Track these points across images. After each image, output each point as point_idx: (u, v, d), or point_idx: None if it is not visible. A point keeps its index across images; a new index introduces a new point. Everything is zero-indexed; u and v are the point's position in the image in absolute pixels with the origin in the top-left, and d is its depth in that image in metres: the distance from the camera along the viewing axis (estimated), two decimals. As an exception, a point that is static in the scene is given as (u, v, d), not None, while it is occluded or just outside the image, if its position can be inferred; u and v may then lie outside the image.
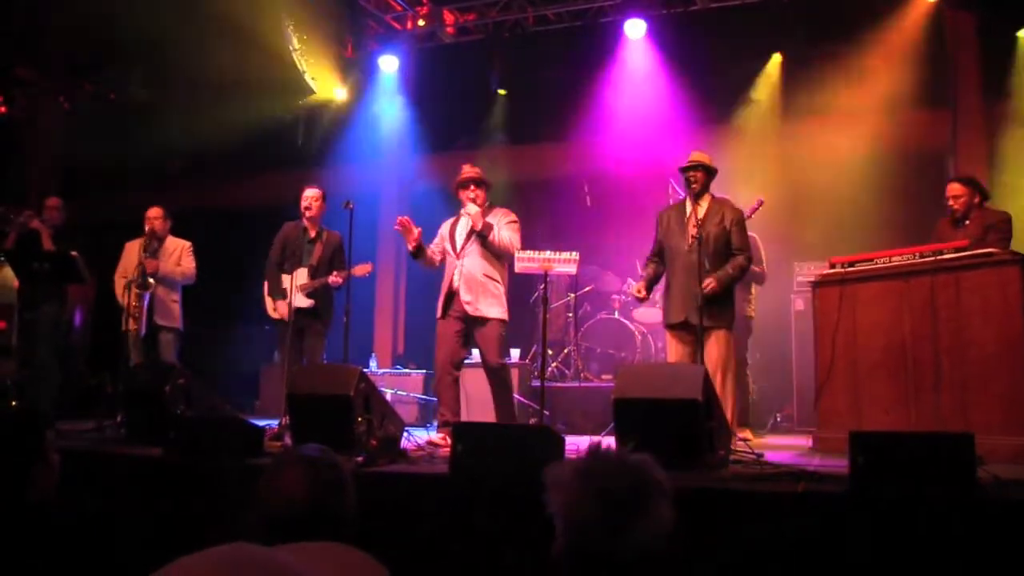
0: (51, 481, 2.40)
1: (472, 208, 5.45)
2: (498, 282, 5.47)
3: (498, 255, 5.46)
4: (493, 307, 5.39)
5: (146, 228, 6.43)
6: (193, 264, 6.52)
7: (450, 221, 5.71)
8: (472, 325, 5.40)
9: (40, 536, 2.14)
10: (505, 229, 5.46)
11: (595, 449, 1.58)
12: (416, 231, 5.49)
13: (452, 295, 5.46)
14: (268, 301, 6.00)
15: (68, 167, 11.22)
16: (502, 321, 5.43)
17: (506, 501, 3.35)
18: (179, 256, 6.49)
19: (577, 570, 1.43)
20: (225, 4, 8.09)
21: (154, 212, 6.50)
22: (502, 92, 9.26)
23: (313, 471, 1.82)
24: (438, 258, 5.64)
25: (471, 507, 3.43)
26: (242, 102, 9.71)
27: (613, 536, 1.40)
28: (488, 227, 5.40)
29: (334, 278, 5.73)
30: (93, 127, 10.95)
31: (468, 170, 5.63)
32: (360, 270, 5.75)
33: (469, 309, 5.36)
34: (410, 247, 5.54)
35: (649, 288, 5.42)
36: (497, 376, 5.42)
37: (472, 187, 5.51)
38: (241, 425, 4.45)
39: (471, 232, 5.45)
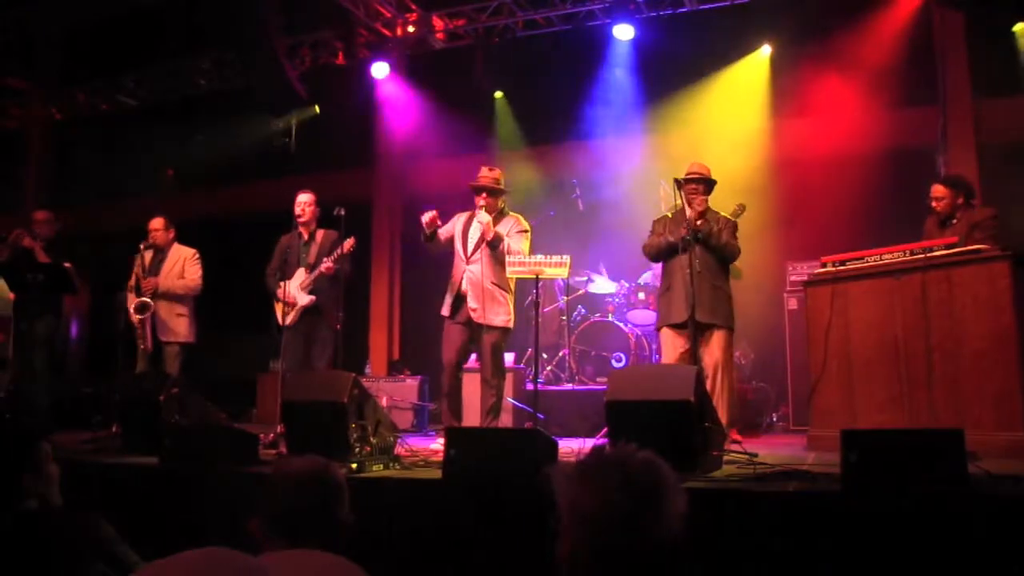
0: (46, 490, 2.41)
1: (484, 217, 5.44)
2: (505, 290, 5.51)
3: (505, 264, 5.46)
4: (499, 315, 5.45)
5: (146, 241, 6.35)
6: (198, 273, 6.38)
7: (464, 217, 5.71)
8: (477, 331, 5.44)
9: (32, 543, 2.15)
10: (515, 240, 5.48)
11: (602, 448, 1.56)
12: (436, 221, 5.50)
13: (461, 298, 5.48)
14: (277, 309, 5.96)
15: (64, 177, 11.22)
16: (506, 330, 5.48)
17: (500, 505, 3.35)
18: (182, 267, 6.35)
19: (591, 568, 1.38)
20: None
21: (155, 223, 6.39)
22: (498, 95, 9.25)
23: (311, 479, 1.84)
24: (444, 240, 5.63)
25: (464, 512, 3.43)
26: (235, 111, 9.73)
27: (634, 528, 1.36)
28: (498, 238, 5.41)
29: (326, 264, 5.71)
30: (88, 137, 10.97)
31: (482, 176, 5.61)
32: (347, 246, 5.66)
33: (475, 316, 5.41)
34: (427, 232, 5.51)
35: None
36: (489, 387, 5.47)
37: (484, 195, 5.50)
38: (235, 433, 4.47)
39: (482, 238, 5.47)
